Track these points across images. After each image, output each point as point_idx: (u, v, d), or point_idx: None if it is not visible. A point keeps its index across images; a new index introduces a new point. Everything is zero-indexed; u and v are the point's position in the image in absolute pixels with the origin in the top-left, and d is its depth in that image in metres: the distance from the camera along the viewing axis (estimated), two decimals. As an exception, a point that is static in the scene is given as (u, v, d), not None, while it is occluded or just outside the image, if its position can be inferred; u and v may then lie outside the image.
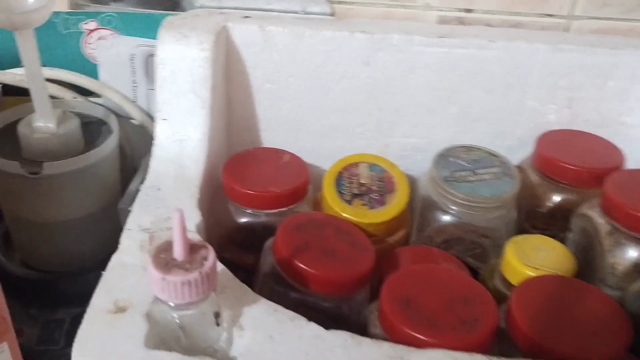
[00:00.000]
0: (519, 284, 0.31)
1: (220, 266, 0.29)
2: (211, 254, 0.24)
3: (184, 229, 0.23)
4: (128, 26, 0.41)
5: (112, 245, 0.31)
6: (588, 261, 0.35)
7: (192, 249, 0.24)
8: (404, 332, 0.27)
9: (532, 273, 0.32)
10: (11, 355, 0.33)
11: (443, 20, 0.43)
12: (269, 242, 0.33)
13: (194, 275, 0.23)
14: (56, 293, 0.38)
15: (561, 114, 0.42)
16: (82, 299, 0.39)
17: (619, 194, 0.33)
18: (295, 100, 0.41)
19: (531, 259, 0.33)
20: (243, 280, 0.29)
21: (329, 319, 0.30)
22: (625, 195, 0.33)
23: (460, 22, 0.43)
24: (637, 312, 0.29)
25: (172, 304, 0.24)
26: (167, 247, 0.24)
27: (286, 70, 0.40)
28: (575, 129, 0.41)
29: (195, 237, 0.27)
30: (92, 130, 0.39)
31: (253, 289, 0.28)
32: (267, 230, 0.36)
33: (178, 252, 0.23)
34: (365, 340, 0.26)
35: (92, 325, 0.25)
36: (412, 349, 0.25)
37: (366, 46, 0.39)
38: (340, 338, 0.26)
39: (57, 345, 0.37)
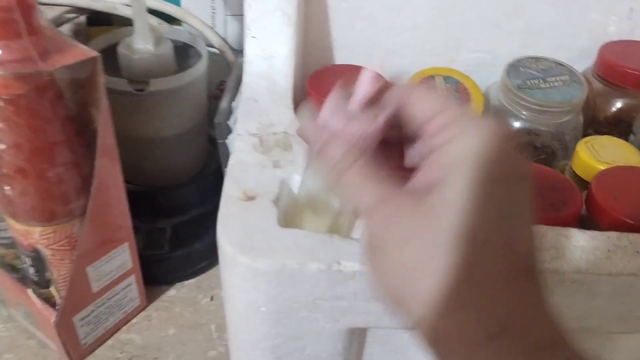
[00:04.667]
0: (598, 173, 0.33)
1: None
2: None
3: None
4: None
5: (201, 162, 0.33)
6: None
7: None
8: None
9: (603, 167, 0.35)
10: (130, 255, 0.37)
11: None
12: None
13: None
14: (155, 206, 0.42)
15: (621, 25, 0.43)
16: (179, 210, 0.43)
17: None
18: (369, 19, 0.43)
19: (602, 155, 0.36)
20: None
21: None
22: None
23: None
24: None
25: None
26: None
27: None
28: (634, 39, 0.43)
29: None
30: (179, 53, 0.41)
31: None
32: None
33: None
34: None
35: (229, 209, 0.28)
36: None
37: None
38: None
39: (163, 249, 0.40)
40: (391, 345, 0.31)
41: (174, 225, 0.41)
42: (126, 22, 0.44)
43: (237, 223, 0.28)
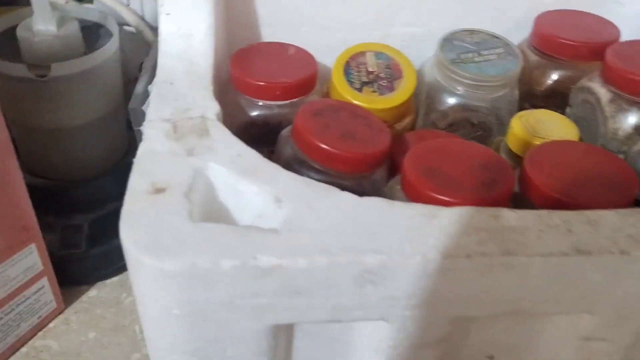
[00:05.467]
0: (530, 149, 0.32)
1: (249, 149, 0.29)
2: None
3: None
4: None
5: (120, 151, 0.31)
6: (588, 132, 0.37)
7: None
8: (430, 197, 0.28)
9: (538, 143, 0.34)
10: (39, 256, 0.34)
11: None
12: (286, 131, 0.34)
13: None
14: (70, 200, 0.39)
15: (557, -6, 0.42)
16: (97, 204, 0.39)
17: (619, 62, 0.35)
18: (295, -8, 0.40)
19: (537, 130, 0.35)
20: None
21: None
22: (625, 63, 0.35)
23: None
24: (638, 170, 0.31)
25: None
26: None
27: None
28: (570, 8, 0.42)
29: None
30: (89, 34, 0.38)
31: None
32: (279, 123, 0.37)
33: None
34: (398, 203, 0.27)
35: (134, 205, 0.26)
36: (441, 208, 0.27)
37: None
38: (374, 202, 0.27)
39: (80, 248, 0.38)
40: (321, 339, 0.29)
41: (92, 221, 0.38)
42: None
43: (143, 220, 0.25)
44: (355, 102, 0.36)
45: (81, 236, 0.38)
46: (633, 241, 0.26)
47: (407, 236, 0.25)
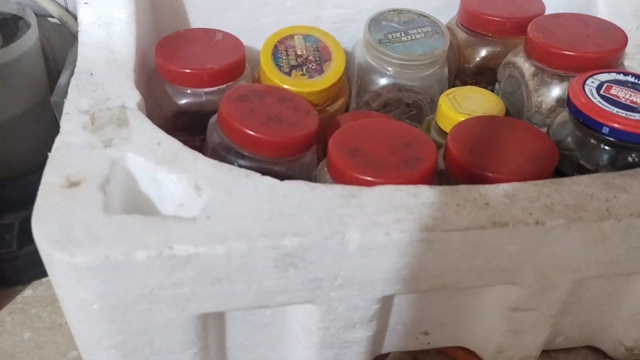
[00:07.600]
0: (454, 125, 0.32)
1: (170, 138, 0.29)
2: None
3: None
4: None
5: (49, 146, 0.30)
6: (515, 106, 0.37)
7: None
8: (352, 177, 0.28)
9: (464, 119, 0.34)
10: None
11: None
12: (213, 118, 0.34)
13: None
14: (-1, 199, 0.38)
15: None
16: (27, 202, 0.38)
17: (540, 36, 0.35)
18: (222, -24, 0.39)
19: (463, 106, 0.35)
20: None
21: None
22: (546, 36, 0.35)
23: None
24: (560, 140, 0.32)
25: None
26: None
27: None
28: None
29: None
30: (7, 27, 0.37)
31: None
32: (208, 111, 0.36)
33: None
34: (318, 186, 0.27)
35: (47, 200, 0.25)
36: (362, 188, 0.27)
37: None
38: (294, 185, 0.27)
39: (11, 247, 0.37)
40: (253, 325, 0.29)
41: (23, 220, 0.37)
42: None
43: (56, 215, 0.25)
44: (285, 86, 0.36)
45: (12, 235, 0.37)
46: (548, 211, 0.26)
47: (326, 217, 0.25)
